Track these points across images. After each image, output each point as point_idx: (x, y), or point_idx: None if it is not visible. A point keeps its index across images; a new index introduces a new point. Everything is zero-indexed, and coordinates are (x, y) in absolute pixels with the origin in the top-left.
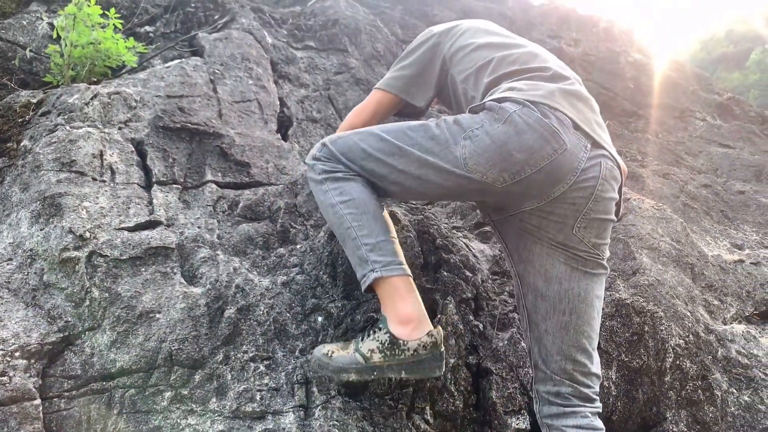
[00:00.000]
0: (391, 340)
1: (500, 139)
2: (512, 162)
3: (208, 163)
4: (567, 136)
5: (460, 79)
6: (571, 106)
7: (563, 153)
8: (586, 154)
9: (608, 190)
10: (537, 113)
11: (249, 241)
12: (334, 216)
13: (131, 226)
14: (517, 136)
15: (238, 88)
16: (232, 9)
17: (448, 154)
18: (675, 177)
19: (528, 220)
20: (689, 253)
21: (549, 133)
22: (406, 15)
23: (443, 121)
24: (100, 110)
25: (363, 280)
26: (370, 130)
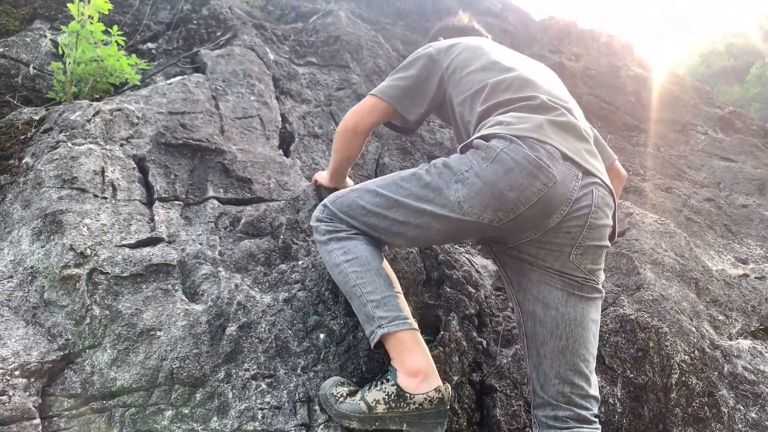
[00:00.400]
0: (398, 393)
1: (490, 179)
2: (505, 201)
3: (209, 179)
4: (556, 168)
5: (457, 102)
6: (560, 137)
7: (554, 186)
8: (578, 183)
9: (602, 217)
10: (524, 149)
11: (251, 257)
12: (340, 275)
13: (132, 243)
14: (505, 174)
15: (240, 104)
16: (234, 26)
17: (443, 200)
18: (677, 191)
19: (526, 251)
20: (693, 267)
21: (537, 168)
22: (408, 31)
23: (433, 167)
24: (102, 127)
25: (371, 337)
26: (366, 186)
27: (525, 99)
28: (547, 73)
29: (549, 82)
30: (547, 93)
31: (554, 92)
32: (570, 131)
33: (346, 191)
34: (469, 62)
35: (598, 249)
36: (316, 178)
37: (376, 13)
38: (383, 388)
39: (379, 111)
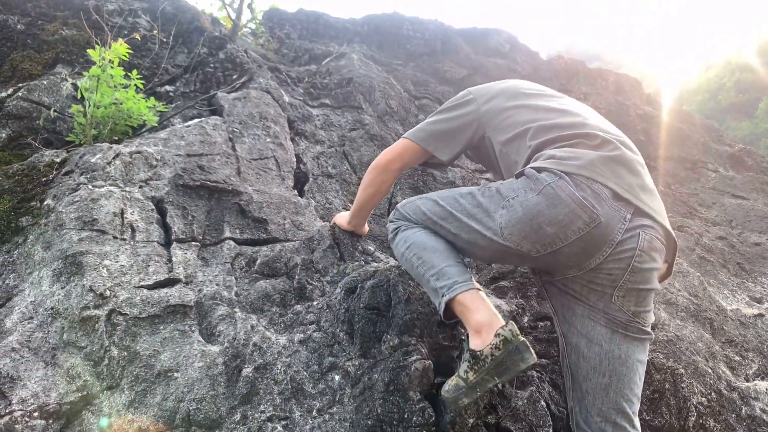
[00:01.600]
0: (472, 355)
1: (532, 211)
2: (543, 235)
3: (226, 220)
4: (602, 209)
5: (501, 142)
6: (613, 173)
7: (597, 226)
8: (625, 225)
9: (647, 260)
10: (571, 186)
11: (266, 298)
12: (406, 263)
13: (150, 284)
14: (548, 209)
15: (256, 145)
16: (250, 69)
17: (490, 222)
18: (690, 229)
19: (570, 286)
20: (707, 307)
21: (580, 207)
22: (418, 71)
23: (487, 189)
24: (121, 169)
25: (439, 309)
26: (429, 196)
27: (579, 136)
28: (589, 108)
29: (596, 117)
30: (599, 128)
31: (605, 127)
32: (624, 166)
33: (414, 198)
34: (509, 105)
35: (642, 292)
36: (335, 220)
37: (387, 55)
38: (465, 358)
39: (412, 152)
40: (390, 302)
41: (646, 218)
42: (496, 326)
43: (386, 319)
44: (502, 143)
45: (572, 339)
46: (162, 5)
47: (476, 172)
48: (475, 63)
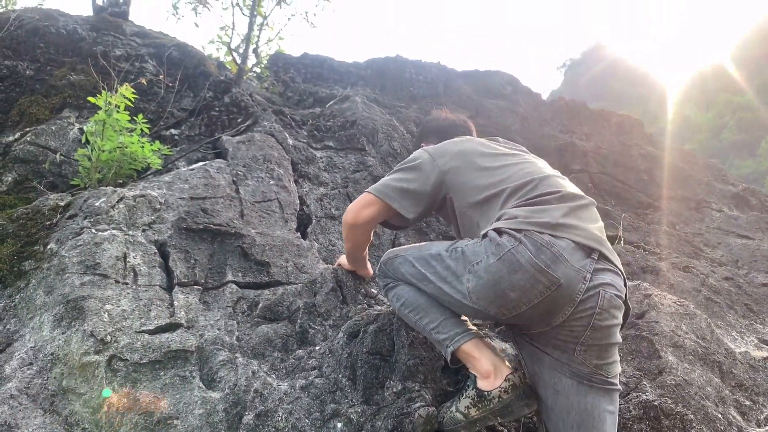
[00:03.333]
0: (478, 394)
1: (495, 277)
2: (507, 300)
3: (228, 263)
4: (562, 271)
5: (466, 205)
6: (578, 222)
7: (557, 289)
8: (585, 285)
9: (607, 318)
10: (530, 251)
11: (268, 342)
12: (405, 318)
13: (152, 329)
14: (509, 275)
15: (259, 188)
16: (255, 112)
17: (459, 286)
18: (695, 270)
19: (537, 340)
20: (716, 350)
21: (540, 272)
22: (421, 114)
23: (454, 251)
24: (125, 213)
25: (446, 357)
26: (405, 256)
27: (543, 192)
28: (544, 163)
29: (551, 170)
30: (559, 184)
31: (562, 181)
32: (586, 212)
33: (393, 254)
34: (466, 167)
35: (603, 347)
36: (339, 261)
37: (390, 98)
38: (468, 395)
39: (376, 208)
40: (393, 347)
41: (607, 271)
42: (504, 372)
43: (389, 365)
44: (466, 206)
45: (540, 391)
46: (168, 50)
47: None
48: (477, 105)
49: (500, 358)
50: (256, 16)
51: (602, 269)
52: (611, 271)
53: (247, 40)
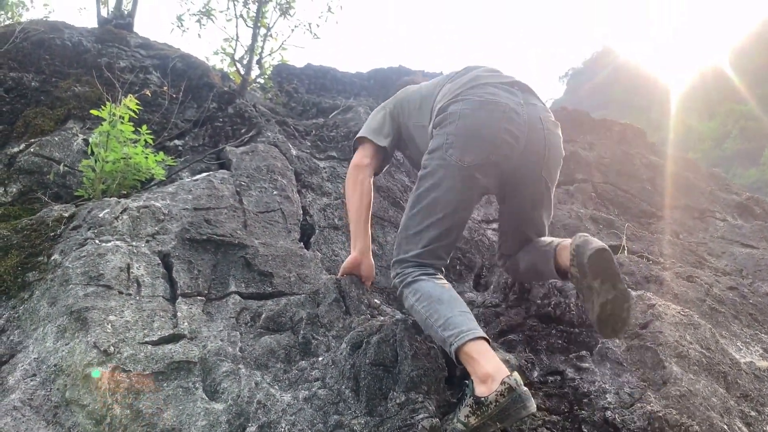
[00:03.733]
0: (476, 401)
1: (468, 127)
2: (483, 138)
3: (232, 273)
4: (504, 99)
5: (411, 122)
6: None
7: (510, 111)
8: (522, 107)
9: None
10: (477, 99)
11: (271, 353)
12: (416, 314)
13: (155, 340)
14: (475, 119)
15: (263, 198)
16: (258, 123)
17: (447, 166)
18: (699, 279)
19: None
20: (721, 360)
21: (493, 104)
22: None
23: (423, 166)
24: (129, 224)
25: (451, 356)
26: (402, 225)
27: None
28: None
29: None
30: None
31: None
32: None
33: (396, 242)
34: (407, 95)
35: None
36: (342, 270)
37: None
38: (467, 403)
39: (364, 149)
40: (396, 358)
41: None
42: (501, 375)
43: (393, 376)
44: (413, 122)
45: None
46: (172, 62)
47: (483, 222)
48: None
49: (500, 362)
50: (259, 27)
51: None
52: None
53: (251, 51)
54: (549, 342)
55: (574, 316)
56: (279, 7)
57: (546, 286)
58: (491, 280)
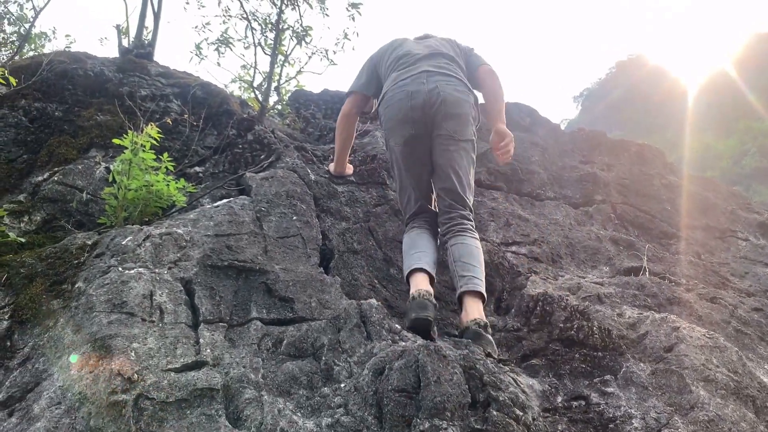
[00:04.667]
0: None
1: (389, 120)
2: (398, 115)
3: (253, 299)
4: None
5: (382, 73)
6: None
7: (413, 94)
8: (426, 86)
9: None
10: (390, 94)
11: (293, 380)
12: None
13: (178, 367)
14: (396, 102)
15: (282, 224)
16: (277, 149)
17: (390, 151)
18: (723, 301)
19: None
20: (748, 384)
21: (400, 90)
22: None
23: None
24: (151, 251)
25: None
26: (396, 189)
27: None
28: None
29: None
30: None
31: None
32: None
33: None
34: (384, 51)
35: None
36: (328, 169)
37: None
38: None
39: (351, 99)
40: (419, 384)
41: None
42: (414, 289)
43: (416, 402)
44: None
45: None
46: (192, 90)
47: (502, 245)
48: None
49: (419, 285)
50: (277, 54)
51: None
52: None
53: (269, 78)
54: (572, 366)
55: (597, 339)
56: (296, 35)
57: (568, 309)
58: (512, 304)
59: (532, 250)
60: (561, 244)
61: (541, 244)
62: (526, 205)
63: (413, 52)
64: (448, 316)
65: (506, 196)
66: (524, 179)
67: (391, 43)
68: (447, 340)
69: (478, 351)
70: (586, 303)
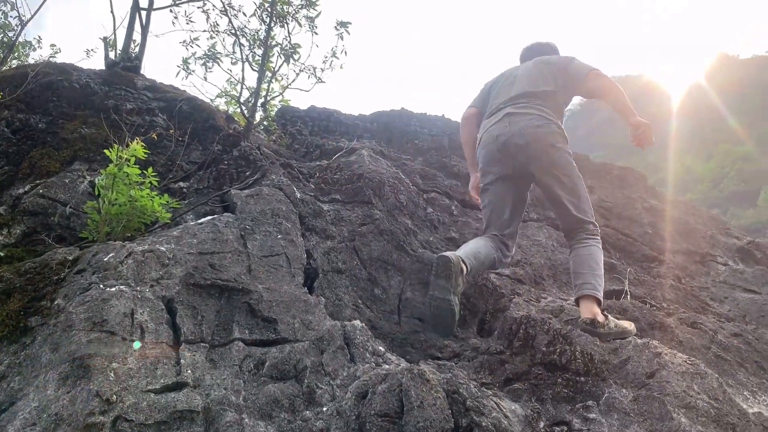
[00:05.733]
0: None
1: (482, 160)
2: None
3: (236, 319)
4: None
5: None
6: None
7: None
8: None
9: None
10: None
11: (275, 403)
12: None
13: (158, 389)
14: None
15: (267, 242)
16: (263, 166)
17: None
18: (703, 326)
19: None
20: (729, 411)
21: (488, 134)
22: (426, 166)
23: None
24: (133, 268)
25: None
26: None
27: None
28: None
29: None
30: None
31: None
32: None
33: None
34: (494, 84)
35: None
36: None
37: (396, 150)
38: None
39: (470, 107)
40: (402, 408)
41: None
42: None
43: (398, 427)
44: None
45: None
46: (179, 104)
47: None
48: None
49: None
50: (265, 71)
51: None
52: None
53: (256, 94)
54: (555, 391)
55: (579, 364)
56: (284, 53)
57: (551, 333)
58: (495, 326)
59: (516, 272)
60: (544, 266)
61: (525, 266)
62: None
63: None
64: (432, 337)
65: None
66: None
67: (495, 82)
68: (431, 363)
69: (462, 375)
70: (569, 327)
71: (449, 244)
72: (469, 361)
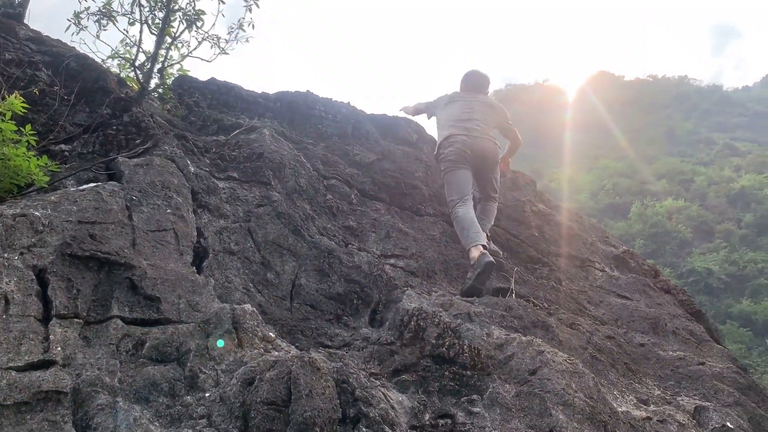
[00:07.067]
0: (471, 264)
1: (452, 152)
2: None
3: (115, 296)
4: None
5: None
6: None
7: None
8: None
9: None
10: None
11: (153, 386)
12: (456, 229)
13: (21, 366)
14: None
15: (155, 216)
16: (155, 135)
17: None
18: (581, 327)
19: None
20: (602, 410)
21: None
22: (329, 152)
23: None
24: (2, 233)
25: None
26: (447, 191)
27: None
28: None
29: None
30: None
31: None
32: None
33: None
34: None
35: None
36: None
37: (298, 133)
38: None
39: (418, 105)
40: (290, 397)
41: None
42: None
43: (285, 416)
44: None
45: None
46: (66, 61)
47: (381, 257)
48: (384, 149)
49: (481, 252)
50: (164, 35)
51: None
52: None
53: (153, 59)
54: (442, 384)
55: (467, 358)
56: (186, 18)
57: (441, 326)
58: (387, 317)
59: (410, 264)
60: (436, 260)
61: (419, 259)
62: (407, 219)
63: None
64: (323, 325)
65: (388, 209)
66: (407, 193)
67: (452, 98)
68: (321, 351)
69: (352, 364)
70: (458, 321)
71: (346, 233)
72: (359, 351)
